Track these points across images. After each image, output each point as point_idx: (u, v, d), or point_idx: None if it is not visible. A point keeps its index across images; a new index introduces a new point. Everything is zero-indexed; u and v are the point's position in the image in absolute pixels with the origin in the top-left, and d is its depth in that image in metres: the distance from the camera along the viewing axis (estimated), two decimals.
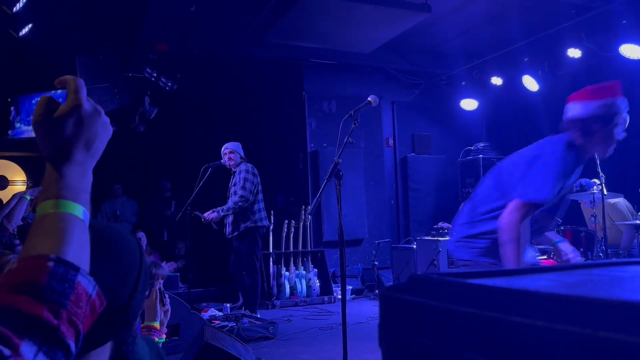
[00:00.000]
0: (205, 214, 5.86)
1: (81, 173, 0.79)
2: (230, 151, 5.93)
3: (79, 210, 0.76)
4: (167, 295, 2.38)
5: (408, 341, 0.85)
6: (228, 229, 5.93)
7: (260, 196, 5.98)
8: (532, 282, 0.85)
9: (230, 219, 5.90)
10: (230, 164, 5.94)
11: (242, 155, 6.01)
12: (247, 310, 5.86)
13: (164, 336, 2.32)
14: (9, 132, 0.90)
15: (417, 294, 0.85)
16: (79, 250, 0.73)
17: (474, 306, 0.74)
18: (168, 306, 2.33)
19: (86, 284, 0.70)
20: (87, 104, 0.80)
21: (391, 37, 6.83)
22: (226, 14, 6.71)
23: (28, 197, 4.22)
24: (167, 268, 6.67)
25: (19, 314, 0.62)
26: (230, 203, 5.82)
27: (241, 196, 5.75)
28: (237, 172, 5.90)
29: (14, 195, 4.25)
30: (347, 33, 6.55)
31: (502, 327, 0.69)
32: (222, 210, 5.83)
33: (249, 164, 5.97)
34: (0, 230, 4.09)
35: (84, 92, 0.80)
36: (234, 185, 5.88)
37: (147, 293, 2.15)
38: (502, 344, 0.69)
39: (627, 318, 0.58)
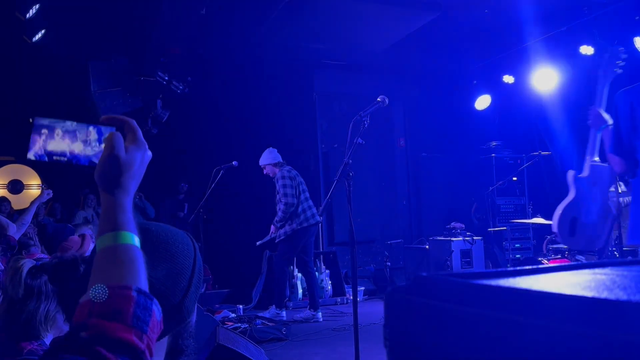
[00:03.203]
0: (270, 233, 6.05)
1: (130, 201, 0.88)
2: (263, 167, 6.08)
3: (135, 240, 0.85)
4: None
5: (413, 341, 0.85)
6: (276, 234, 6.07)
7: (303, 196, 6.01)
8: (536, 282, 0.85)
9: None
10: (270, 176, 6.07)
11: (276, 162, 6.04)
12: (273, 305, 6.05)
13: None
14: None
15: (422, 295, 0.85)
16: (145, 279, 0.82)
17: (478, 306, 0.74)
18: None
19: (157, 312, 0.79)
20: (143, 142, 0.92)
21: (402, 36, 6.82)
22: (236, 16, 6.75)
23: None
24: None
25: (113, 339, 0.72)
26: (279, 213, 5.92)
27: (285, 204, 5.84)
28: (275, 180, 6.00)
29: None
30: (358, 33, 6.55)
31: (506, 326, 0.69)
32: (277, 223, 5.96)
33: (284, 169, 6.01)
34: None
35: (140, 132, 0.93)
36: (277, 193, 5.97)
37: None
38: (505, 343, 0.69)
39: (632, 318, 0.58)
